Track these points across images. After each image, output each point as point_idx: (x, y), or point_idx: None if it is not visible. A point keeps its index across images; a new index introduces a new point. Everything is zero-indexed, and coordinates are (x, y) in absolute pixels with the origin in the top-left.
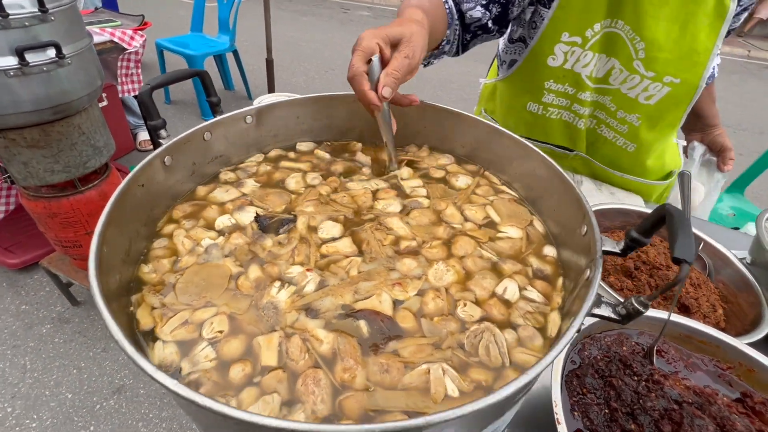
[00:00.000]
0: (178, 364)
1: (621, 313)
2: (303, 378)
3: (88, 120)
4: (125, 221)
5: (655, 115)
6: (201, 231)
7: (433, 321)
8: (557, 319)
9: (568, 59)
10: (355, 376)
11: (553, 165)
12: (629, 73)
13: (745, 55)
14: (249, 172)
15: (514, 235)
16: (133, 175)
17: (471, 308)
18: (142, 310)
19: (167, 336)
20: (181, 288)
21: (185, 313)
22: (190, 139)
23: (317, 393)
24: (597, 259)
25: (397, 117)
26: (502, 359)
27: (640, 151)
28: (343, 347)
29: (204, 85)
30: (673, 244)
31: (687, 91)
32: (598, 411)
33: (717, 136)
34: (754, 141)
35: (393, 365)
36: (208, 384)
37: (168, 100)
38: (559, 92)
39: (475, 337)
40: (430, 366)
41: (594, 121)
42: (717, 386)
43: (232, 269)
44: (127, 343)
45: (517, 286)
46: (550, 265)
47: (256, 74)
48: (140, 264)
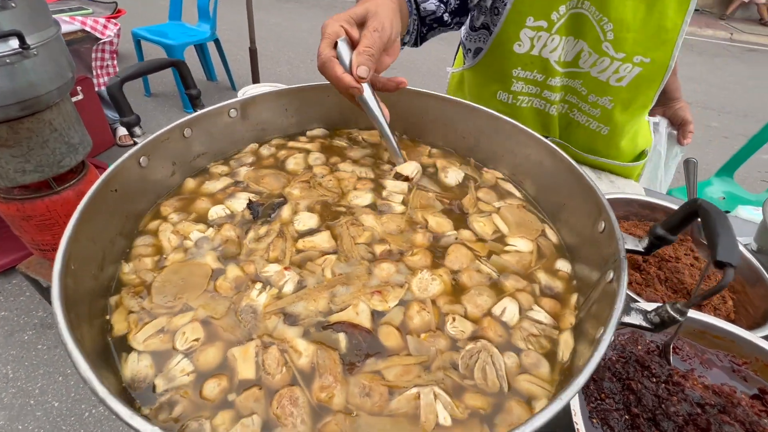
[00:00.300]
0: (152, 379)
1: (654, 321)
2: (278, 398)
3: (60, 115)
4: (97, 232)
5: (627, 97)
6: (189, 224)
7: (419, 338)
8: (570, 341)
9: (534, 45)
10: (333, 396)
11: (561, 154)
12: (598, 56)
13: (728, 38)
14: (243, 162)
15: (523, 249)
16: (104, 179)
17: (461, 323)
18: (119, 314)
19: (140, 345)
20: (158, 287)
21: (162, 319)
22: (169, 136)
23: (296, 414)
24: (621, 259)
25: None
26: (500, 383)
27: (614, 133)
28: (323, 362)
29: (182, 76)
30: (715, 246)
31: (658, 71)
32: (618, 418)
33: (678, 109)
34: (738, 124)
35: (375, 389)
36: (184, 403)
37: (148, 93)
38: (528, 79)
39: (471, 357)
40: (421, 390)
41: (566, 106)
42: (733, 383)
43: (213, 267)
44: (98, 385)
45: (518, 307)
46: (561, 281)
47: (240, 64)
48: (121, 263)
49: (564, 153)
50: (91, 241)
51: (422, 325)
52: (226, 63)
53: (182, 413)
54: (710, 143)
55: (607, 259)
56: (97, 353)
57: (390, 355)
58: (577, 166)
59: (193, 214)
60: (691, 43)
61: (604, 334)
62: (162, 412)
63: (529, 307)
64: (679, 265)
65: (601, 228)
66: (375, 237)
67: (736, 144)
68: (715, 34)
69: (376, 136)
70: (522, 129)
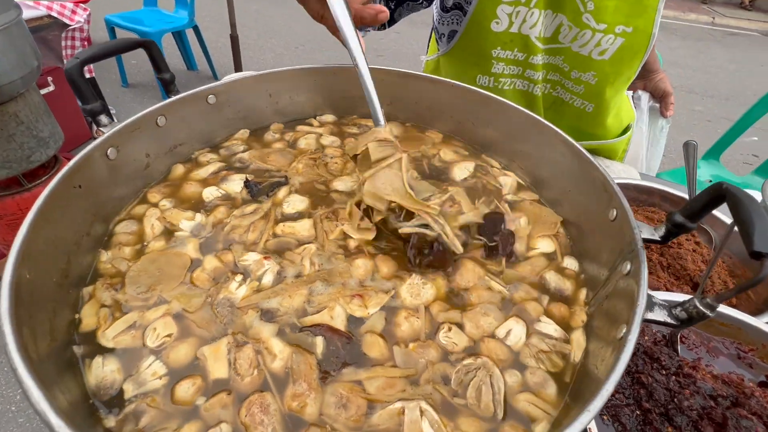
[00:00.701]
0: (119, 384)
1: (681, 317)
2: (248, 404)
3: (27, 107)
4: (59, 235)
5: (612, 71)
6: (178, 212)
7: (408, 348)
8: (582, 340)
9: (513, 21)
10: (306, 405)
11: (566, 139)
12: (579, 29)
13: (710, 22)
14: (233, 150)
15: (546, 249)
16: (64, 174)
17: (456, 335)
18: (90, 307)
19: (109, 342)
20: (132, 277)
21: (134, 315)
22: (140, 125)
23: (267, 423)
24: (639, 249)
25: (390, 92)
26: (495, 408)
27: (600, 110)
28: (297, 367)
29: (152, 59)
30: (751, 235)
31: (641, 40)
32: (629, 413)
33: (659, 81)
34: (721, 107)
35: (353, 400)
36: (151, 413)
37: (125, 83)
38: (509, 60)
39: (467, 373)
40: (406, 405)
41: (548, 86)
42: (740, 371)
43: (193, 257)
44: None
45: (524, 329)
46: (570, 280)
47: (221, 52)
48: (100, 251)
49: (568, 137)
50: (51, 246)
51: (411, 334)
52: (206, 51)
53: (149, 424)
54: (695, 127)
55: (621, 249)
56: (57, 364)
57: (373, 366)
58: (584, 150)
59: (183, 201)
60: (674, 28)
61: (629, 333)
62: (127, 424)
63: (537, 318)
64: (681, 251)
65: (612, 216)
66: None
67: (719, 127)
68: (698, 19)
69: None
70: (523, 112)
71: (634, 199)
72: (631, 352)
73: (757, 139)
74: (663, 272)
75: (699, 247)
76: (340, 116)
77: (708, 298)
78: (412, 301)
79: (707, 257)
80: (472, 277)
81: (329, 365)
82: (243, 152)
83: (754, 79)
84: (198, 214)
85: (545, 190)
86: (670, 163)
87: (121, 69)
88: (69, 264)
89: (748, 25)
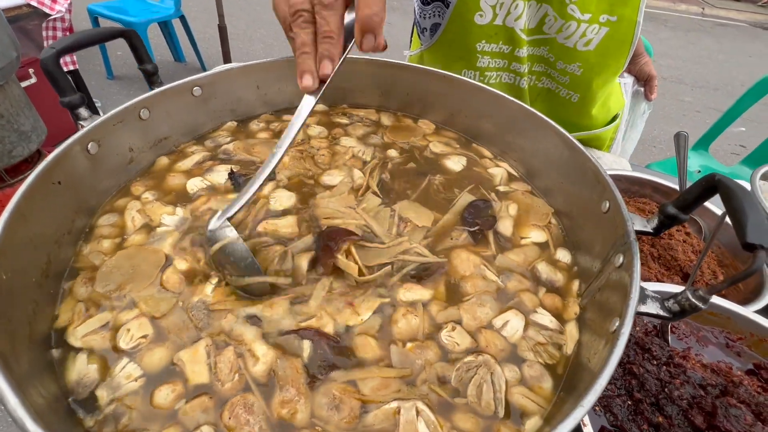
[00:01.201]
0: (97, 384)
1: (673, 309)
2: (230, 407)
3: (7, 100)
4: (37, 233)
5: (597, 62)
6: (160, 206)
7: (405, 348)
8: (575, 332)
9: (497, 13)
10: (296, 412)
11: (560, 131)
12: (564, 21)
13: (700, 13)
14: (219, 142)
15: (538, 239)
16: (42, 169)
17: (460, 335)
18: (67, 303)
19: (77, 341)
20: (104, 273)
21: (107, 314)
22: (122, 118)
23: (253, 422)
24: (632, 242)
25: (382, 82)
26: (495, 406)
27: (585, 100)
28: (283, 372)
29: (133, 49)
30: (744, 226)
31: (626, 29)
32: (621, 404)
33: (644, 65)
34: (710, 98)
35: (347, 401)
36: (131, 414)
37: (110, 75)
38: (495, 53)
39: (467, 371)
40: (402, 404)
41: (534, 77)
42: (729, 359)
43: (167, 253)
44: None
45: (522, 321)
46: (562, 272)
47: (209, 43)
48: (80, 245)
49: (560, 127)
50: (29, 245)
51: (409, 332)
52: (194, 42)
53: (129, 425)
54: (684, 117)
55: (614, 241)
56: (36, 366)
57: (367, 366)
58: (577, 142)
59: (168, 194)
60: (664, 18)
61: (622, 327)
62: (107, 425)
63: (533, 309)
64: (672, 242)
65: (605, 208)
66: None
67: (708, 118)
68: (688, 9)
69: (373, 115)
70: (515, 103)
71: (626, 191)
72: (624, 345)
73: (745, 130)
74: (654, 263)
75: (689, 237)
76: (330, 105)
77: (700, 290)
78: (410, 296)
79: (697, 248)
80: (468, 267)
81: (316, 370)
82: (228, 143)
83: (742, 70)
84: (179, 208)
85: (537, 180)
86: (660, 154)
87: (105, 60)
88: (49, 263)
89: (737, 16)
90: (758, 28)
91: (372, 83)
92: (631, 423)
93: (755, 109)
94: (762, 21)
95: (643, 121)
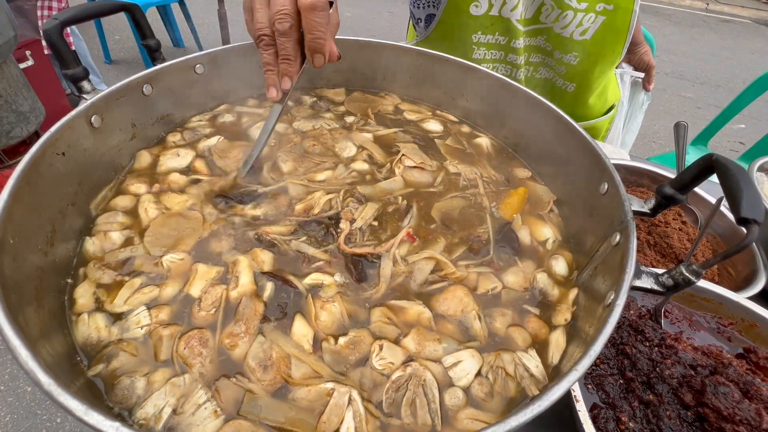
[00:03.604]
0: (104, 336)
1: (667, 284)
2: (187, 338)
3: (4, 80)
4: (42, 200)
5: (594, 51)
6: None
7: (337, 345)
8: (561, 341)
9: (493, 4)
10: (236, 346)
11: (562, 116)
12: (561, 11)
13: (704, 9)
14: (198, 134)
15: (548, 235)
16: (47, 138)
17: (390, 351)
18: (85, 287)
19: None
20: (150, 242)
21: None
22: (125, 92)
23: (205, 354)
24: (629, 221)
25: (365, 62)
26: (432, 419)
27: (580, 90)
28: (244, 310)
29: (136, 24)
30: (739, 202)
31: (623, 18)
32: (613, 382)
33: (643, 54)
34: (711, 94)
35: (274, 370)
36: (123, 357)
37: (108, 60)
38: (490, 44)
39: (397, 390)
40: (337, 388)
41: (531, 68)
42: (719, 344)
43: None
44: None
45: (478, 366)
46: (559, 286)
47: (208, 29)
48: (84, 239)
49: (559, 110)
50: (35, 212)
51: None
52: (193, 27)
53: (120, 368)
54: (685, 113)
55: (611, 221)
56: (45, 324)
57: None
58: (578, 126)
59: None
60: (668, 14)
61: (617, 299)
62: (100, 363)
63: (524, 349)
64: (668, 230)
65: (603, 190)
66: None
67: (708, 114)
68: (692, 5)
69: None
70: (513, 85)
71: (625, 180)
72: (618, 316)
73: (745, 127)
74: (650, 250)
75: (685, 226)
76: (315, 87)
77: (694, 265)
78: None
79: (693, 236)
80: (455, 307)
81: (272, 313)
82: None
83: (744, 67)
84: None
85: (540, 166)
86: (660, 149)
87: (103, 45)
88: (54, 233)
89: (741, 12)
90: (762, 24)
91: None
92: (623, 400)
93: (755, 106)
94: (766, 18)
95: (642, 112)
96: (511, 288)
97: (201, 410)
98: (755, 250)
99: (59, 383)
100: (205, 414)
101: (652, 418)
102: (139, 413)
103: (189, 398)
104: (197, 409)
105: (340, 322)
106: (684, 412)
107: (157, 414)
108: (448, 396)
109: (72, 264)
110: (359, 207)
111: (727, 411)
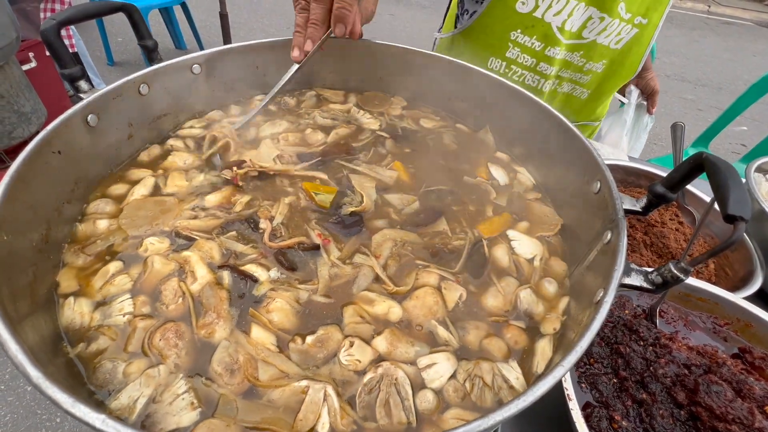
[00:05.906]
0: (87, 320)
1: (656, 281)
2: (162, 331)
3: (6, 81)
4: (37, 198)
5: (618, 60)
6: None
7: (304, 345)
8: (548, 350)
9: (539, 5)
10: (214, 332)
11: (555, 115)
12: (611, 19)
13: (705, 11)
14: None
15: (536, 252)
16: (43, 137)
17: (360, 349)
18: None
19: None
20: (126, 224)
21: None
22: (122, 92)
23: (181, 346)
24: (620, 219)
25: (374, 62)
26: (407, 417)
27: (592, 97)
28: (207, 300)
29: (134, 25)
30: (726, 199)
31: (649, 32)
32: (606, 381)
33: (650, 79)
34: (712, 97)
35: (241, 373)
36: (101, 341)
37: (111, 62)
38: (526, 47)
39: (370, 392)
40: (311, 385)
41: (557, 81)
42: (715, 343)
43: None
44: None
45: (453, 369)
46: (544, 301)
47: (210, 31)
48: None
49: (556, 111)
50: (29, 209)
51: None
52: (195, 30)
53: (100, 351)
54: (685, 115)
55: (603, 220)
56: (35, 313)
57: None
58: (571, 125)
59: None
60: (670, 16)
61: (606, 296)
62: (82, 344)
63: (504, 360)
64: (665, 230)
65: (596, 189)
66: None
67: (709, 116)
68: (694, 7)
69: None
70: (511, 87)
71: (622, 181)
72: (606, 313)
73: (746, 129)
74: (646, 250)
75: (682, 226)
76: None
77: (682, 263)
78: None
79: (689, 236)
80: (423, 314)
81: (235, 303)
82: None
83: (746, 69)
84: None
85: (536, 168)
86: (660, 151)
87: (106, 46)
88: (49, 230)
89: (743, 14)
90: (764, 27)
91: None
92: (616, 399)
93: (757, 108)
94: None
95: (646, 133)
96: (491, 311)
97: (179, 400)
98: (752, 251)
99: (48, 377)
100: (182, 404)
101: (645, 417)
102: (114, 404)
103: (169, 388)
104: (175, 398)
105: (296, 314)
106: (677, 411)
107: (131, 405)
108: (419, 399)
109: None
110: (274, 204)
111: (720, 410)
